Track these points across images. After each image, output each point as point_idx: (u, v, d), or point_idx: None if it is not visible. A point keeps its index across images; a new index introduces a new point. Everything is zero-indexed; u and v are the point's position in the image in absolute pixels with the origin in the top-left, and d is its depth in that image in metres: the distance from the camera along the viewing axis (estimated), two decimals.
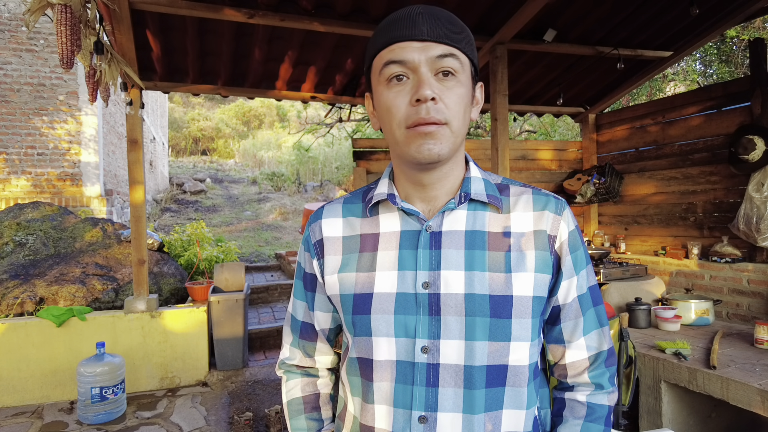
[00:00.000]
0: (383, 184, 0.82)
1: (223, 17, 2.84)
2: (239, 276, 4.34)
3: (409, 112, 0.69)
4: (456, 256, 0.74)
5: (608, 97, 4.75)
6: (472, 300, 0.72)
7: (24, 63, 6.54)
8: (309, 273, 0.87)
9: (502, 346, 0.72)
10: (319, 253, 0.84)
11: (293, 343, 0.93)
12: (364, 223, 0.82)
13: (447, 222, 0.76)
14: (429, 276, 0.73)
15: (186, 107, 22.88)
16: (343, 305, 0.79)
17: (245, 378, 3.92)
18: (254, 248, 8.34)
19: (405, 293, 0.74)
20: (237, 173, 15.89)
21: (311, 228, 0.86)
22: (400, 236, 0.77)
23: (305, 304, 0.90)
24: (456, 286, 0.72)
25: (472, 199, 0.77)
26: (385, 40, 0.71)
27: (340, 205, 0.86)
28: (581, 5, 3.20)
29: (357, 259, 0.79)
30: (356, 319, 0.77)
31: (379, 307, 0.75)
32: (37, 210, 4.83)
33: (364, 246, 0.80)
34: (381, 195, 0.79)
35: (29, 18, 2.03)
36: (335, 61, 3.72)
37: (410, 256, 0.75)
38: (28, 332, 3.51)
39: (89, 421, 3.18)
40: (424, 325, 0.73)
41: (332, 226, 0.84)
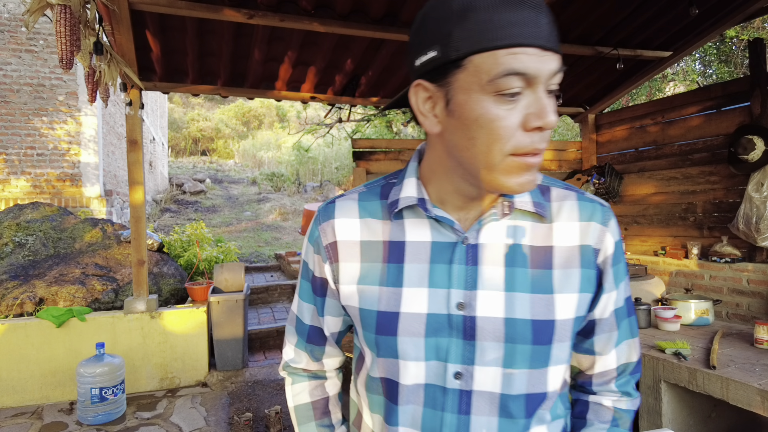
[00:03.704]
0: (410, 186, 0.70)
1: (223, 18, 2.84)
2: (239, 276, 4.34)
3: (520, 139, 0.57)
4: (495, 274, 0.66)
5: (608, 98, 4.75)
6: (513, 326, 0.65)
7: (23, 63, 6.53)
8: (319, 277, 0.77)
9: (541, 372, 0.66)
10: (331, 257, 0.74)
11: (299, 346, 0.85)
12: (387, 228, 0.71)
13: (485, 233, 0.67)
14: (464, 296, 0.65)
15: (185, 108, 22.88)
16: (364, 321, 0.71)
17: (245, 378, 3.92)
18: (254, 249, 8.34)
19: (437, 314, 0.66)
20: (237, 174, 15.89)
21: (322, 228, 0.75)
22: (431, 248, 0.68)
23: (313, 308, 0.81)
24: (495, 309, 0.65)
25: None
26: (508, 37, 0.54)
27: (355, 202, 0.75)
28: (581, 5, 3.20)
29: (380, 271, 0.70)
30: (380, 339, 0.69)
31: (408, 328, 0.67)
32: (37, 210, 4.82)
33: (389, 255, 0.70)
34: (409, 200, 0.69)
35: (29, 18, 2.03)
36: (335, 61, 3.72)
37: (443, 271, 0.67)
38: (27, 333, 3.51)
39: (89, 421, 3.17)
40: (457, 349, 0.66)
41: (348, 227, 0.73)
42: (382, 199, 0.74)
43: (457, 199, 0.68)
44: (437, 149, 0.66)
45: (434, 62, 0.59)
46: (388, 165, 4.80)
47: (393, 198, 0.71)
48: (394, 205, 0.70)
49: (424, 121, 0.64)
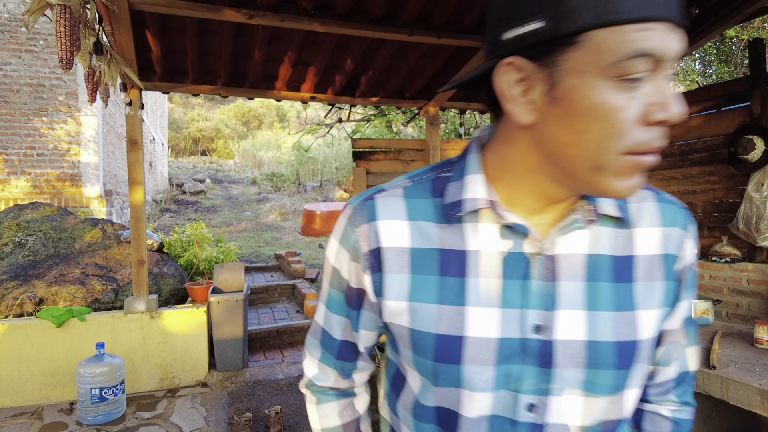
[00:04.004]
0: (476, 184, 0.59)
1: (223, 18, 2.84)
2: (239, 276, 4.34)
3: (639, 134, 0.47)
4: (575, 291, 0.57)
5: None
6: (596, 349, 0.57)
7: (23, 64, 6.54)
8: (356, 288, 0.65)
9: (619, 398, 0.59)
10: (374, 267, 0.62)
11: (326, 362, 0.74)
12: (444, 233, 0.60)
13: (563, 242, 0.58)
14: (542, 317, 0.57)
15: (185, 108, 22.89)
16: (416, 344, 0.61)
17: (245, 378, 3.92)
18: (254, 249, 8.34)
19: (510, 339, 0.57)
20: (237, 174, 15.90)
21: (361, 231, 0.62)
22: (501, 258, 0.58)
23: (347, 321, 0.69)
24: (576, 331, 0.57)
25: None
26: (638, 9, 0.44)
27: (401, 199, 0.63)
28: None
29: (437, 285, 0.59)
30: (441, 368, 0.59)
31: (476, 356, 0.57)
32: (37, 211, 4.83)
33: (447, 267, 0.59)
34: (478, 202, 0.58)
35: (28, 19, 2.03)
36: (335, 61, 3.72)
37: (517, 288, 0.57)
38: (27, 333, 3.51)
39: (89, 421, 3.17)
40: (531, 378, 0.57)
41: (395, 230, 0.61)
42: (434, 197, 0.62)
43: (535, 202, 0.58)
44: (519, 142, 0.55)
45: (538, 36, 0.47)
46: (388, 165, 4.80)
47: (453, 198, 0.60)
48: (457, 208, 0.59)
49: (512, 109, 0.52)
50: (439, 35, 3.22)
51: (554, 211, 0.59)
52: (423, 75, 4.07)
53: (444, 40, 3.26)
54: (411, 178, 0.66)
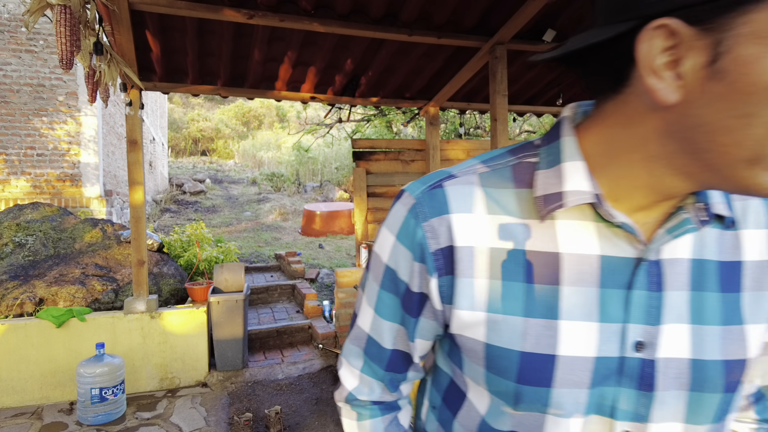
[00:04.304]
0: (577, 173, 0.49)
1: (223, 18, 2.84)
2: (239, 276, 4.34)
3: None
4: (681, 302, 0.50)
5: None
6: (702, 369, 0.50)
7: (23, 64, 6.54)
8: (417, 292, 0.56)
9: (722, 426, 0.53)
10: (444, 269, 0.53)
11: (371, 374, 0.64)
12: (532, 232, 0.51)
13: (668, 246, 0.50)
14: (644, 332, 0.49)
15: (185, 108, 22.90)
16: (493, 362, 0.52)
17: (245, 379, 3.92)
18: (254, 249, 8.34)
19: (607, 357, 0.49)
20: (237, 174, 15.90)
21: (430, 225, 0.53)
22: (600, 265, 0.50)
23: (402, 329, 0.60)
24: (680, 348, 0.49)
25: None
26: None
27: (478, 188, 0.53)
28: (581, 5, 3.20)
29: (524, 294, 0.50)
30: (524, 390, 0.51)
31: (568, 377, 0.49)
32: (37, 211, 4.83)
33: (536, 272, 0.50)
34: (583, 196, 0.48)
35: (29, 19, 2.03)
36: (335, 61, 3.72)
37: (617, 299, 0.49)
38: (27, 333, 3.51)
39: (89, 421, 3.17)
40: (628, 402, 0.50)
41: (471, 226, 0.52)
42: (518, 187, 0.53)
43: (643, 198, 0.49)
44: (644, 126, 0.45)
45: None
46: (388, 165, 4.80)
47: (547, 189, 0.50)
48: (555, 202, 0.49)
49: (655, 84, 0.41)
50: (439, 35, 3.22)
51: (661, 208, 0.50)
52: (423, 75, 4.07)
53: (444, 40, 3.26)
54: (486, 163, 0.55)
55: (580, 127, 0.52)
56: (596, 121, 0.50)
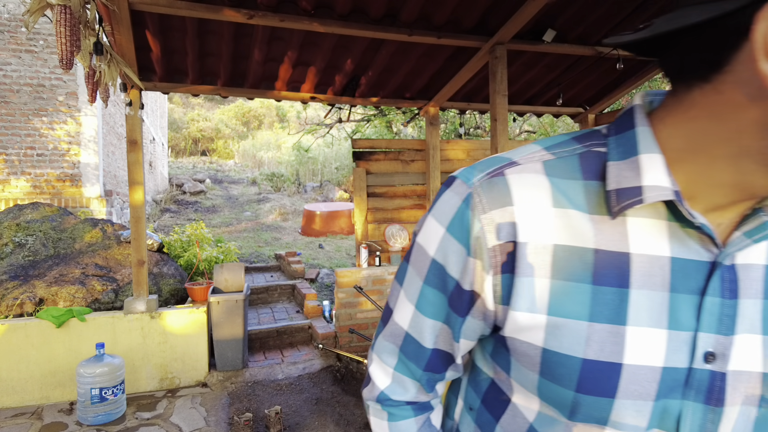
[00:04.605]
0: (656, 167, 0.45)
1: (223, 18, 2.84)
2: (239, 276, 4.34)
3: None
4: (753, 311, 0.47)
5: (608, 98, 4.74)
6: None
7: (23, 64, 6.54)
8: (469, 291, 0.52)
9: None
10: (502, 267, 0.49)
11: (406, 372, 0.61)
12: (601, 229, 0.47)
13: (746, 250, 0.47)
14: (716, 343, 0.46)
15: (185, 108, 22.90)
16: (549, 368, 0.49)
17: (245, 379, 3.92)
18: (254, 249, 8.34)
19: (674, 368, 0.46)
20: (236, 174, 15.91)
21: (489, 217, 0.48)
22: (670, 267, 0.46)
23: (445, 329, 0.56)
24: (752, 360, 0.46)
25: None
26: None
27: (543, 177, 0.48)
28: (581, 5, 3.20)
29: (590, 297, 0.47)
30: (583, 400, 0.47)
31: (633, 388, 0.46)
32: (37, 211, 4.83)
33: (604, 273, 0.46)
34: (661, 192, 0.44)
35: (29, 19, 2.03)
36: (335, 61, 3.72)
37: (689, 305, 0.46)
38: (27, 333, 3.51)
39: (89, 422, 3.17)
40: (694, 416, 0.47)
41: (536, 220, 0.47)
42: (587, 178, 0.48)
43: (723, 197, 0.45)
44: (737, 117, 0.40)
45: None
46: (388, 165, 4.80)
47: (622, 183, 0.46)
48: (633, 198, 0.45)
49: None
50: (439, 35, 3.22)
51: (737, 209, 0.46)
52: (423, 75, 4.07)
53: (444, 40, 3.26)
54: (550, 150, 0.51)
55: (654, 117, 0.48)
56: (675, 112, 0.45)
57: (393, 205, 4.82)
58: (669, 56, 0.45)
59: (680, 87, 0.45)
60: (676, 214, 0.46)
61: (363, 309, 4.48)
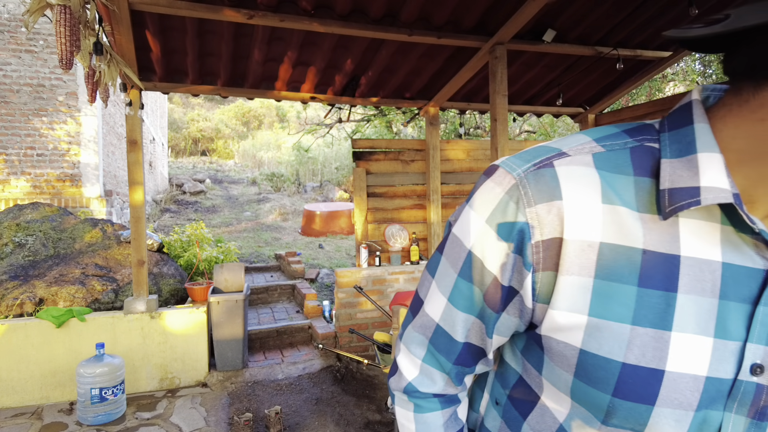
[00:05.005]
0: (715, 167, 0.43)
1: (223, 18, 2.84)
2: (239, 277, 4.34)
3: None
4: None
5: (608, 98, 4.74)
6: None
7: (23, 64, 6.54)
8: (507, 286, 0.50)
9: None
10: (543, 264, 0.47)
11: (434, 364, 0.60)
12: (651, 229, 0.45)
13: None
14: (766, 355, 0.44)
15: (185, 108, 22.91)
16: (586, 370, 0.47)
17: (245, 379, 3.92)
18: (254, 249, 8.34)
19: (719, 379, 0.44)
20: (236, 174, 15.90)
21: (535, 211, 0.47)
22: (721, 273, 0.44)
23: (479, 323, 0.54)
24: None
25: None
26: None
27: (594, 170, 0.46)
28: (581, 5, 3.20)
29: (634, 299, 0.45)
30: (620, 405, 0.46)
31: (674, 396, 0.44)
32: (37, 211, 4.83)
33: (650, 276, 0.45)
34: (719, 194, 0.42)
35: (28, 19, 2.03)
36: (335, 61, 3.72)
37: (739, 313, 0.44)
38: (27, 333, 3.51)
39: (89, 422, 3.17)
40: (735, 430, 0.45)
41: (585, 216, 0.45)
42: (638, 174, 0.46)
43: None
44: None
45: None
46: (388, 165, 4.80)
47: (678, 182, 0.44)
48: (690, 198, 0.43)
49: None
50: (439, 35, 3.22)
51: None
52: (423, 75, 4.07)
53: (444, 40, 3.26)
54: (600, 141, 0.48)
55: (714, 115, 0.46)
56: (738, 111, 0.43)
57: (393, 205, 4.82)
58: (738, 53, 0.42)
59: (747, 86, 0.42)
60: (732, 218, 0.44)
61: (363, 309, 4.49)
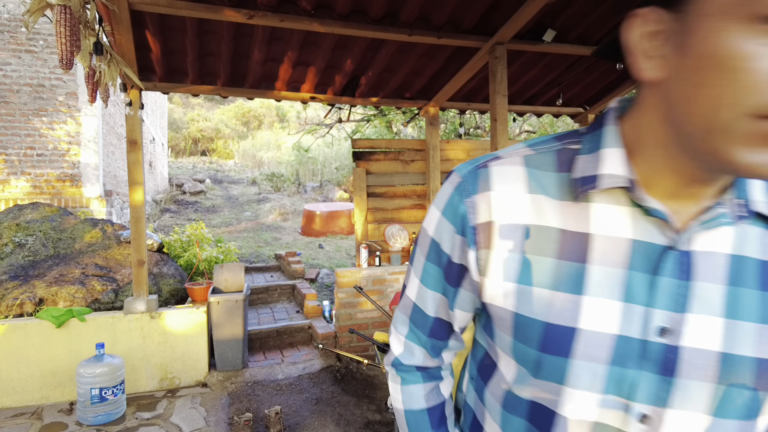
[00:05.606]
0: (614, 159, 0.53)
1: (223, 18, 2.84)
2: (239, 277, 4.34)
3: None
4: (713, 295, 0.51)
5: (608, 98, 4.74)
6: (732, 363, 0.50)
7: (23, 64, 6.54)
8: (457, 263, 0.61)
9: (751, 425, 0.52)
10: (481, 243, 0.57)
11: (414, 339, 0.70)
12: (567, 212, 0.54)
13: (704, 238, 0.51)
14: (669, 319, 0.50)
15: (185, 108, 22.90)
16: (520, 330, 0.56)
17: (245, 379, 3.92)
18: (254, 249, 8.34)
19: (629, 338, 0.51)
20: (236, 174, 15.90)
21: (472, 201, 0.58)
22: (631, 248, 0.52)
23: (443, 299, 0.65)
24: (709, 339, 0.50)
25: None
26: None
27: (522, 168, 0.57)
28: (581, 5, 3.20)
29: (553, 269, 0.54)
30: (545, 359, 0.54)
31: (587, 350, 0.52)
32: (37, 211, 4.82)
33: (567, 250, 0.54)
34: (617, 179, 0.52)
35: (28, 19, 2.03)
36: (335, 61, 3.72)
37: (644, 282, 0.51)
38: (27, 333, 3.51)
39: (89, 422, 3.17)
40: (648, 385, 0.51)
41: (511, 203, 0.56)
42: (560, 170, 0.56)
43: (671, 183, 0.51)
44: (650, 107, 0.50)
45: None
46: (388, 165, 4.80)
47: (584, 172, 0.54)
48: (589, 184, 0.53)
49: (642, 64, 0.48)
50: (439, 35, 3.22)
51: (696, 198, 0.52)
52: (423, 75, 4.07)
53: (444, 40, 3.26)
54: (532, 147, 0.59)
55: (623, 118, 0.55)
56: (632, 111, 0.54)
57: (393, 205, 4.82)
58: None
59: (637, 90, 0.53)
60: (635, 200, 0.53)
61: (363, 309, 4.49)
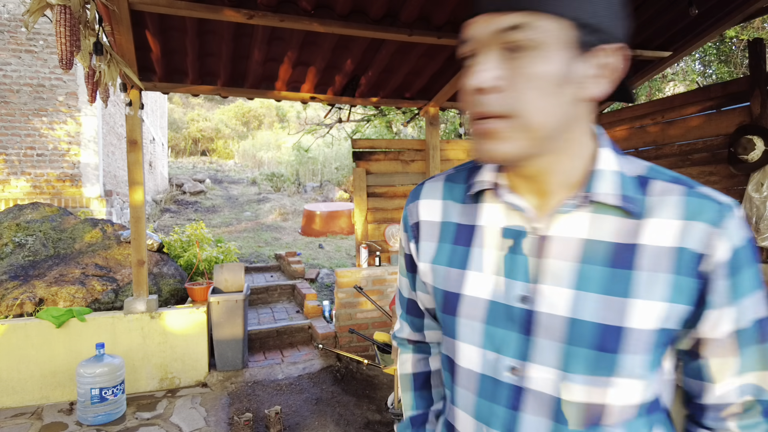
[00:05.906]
0: (487, 169, 0.70)
1: (223, 18, 2.84)
2: (239, 277, 4.34)
3: (467, 102, 0.60)
4: (563, 270, 0.61)
5: None
6: (576, 327, 0.59)
7: (23, 64, 6.53)
8: (408, 254, 0.82)
9: (603, 382, 0.60)
10: (415, 236, 0.78)
11: (401, 317, 0.90)
12: (463, 211, 0.72)
13: (558, 225, 0.63)
14: (527, 288, 0.63)
15: (185, 108, 22.90)
16: (435, 298, 0.75)
17: (245, 379, 3.92)
18: (254, 249, 8.34)
19: (497, 303, 0.65)
20: (236, 174, 15.90)
21: (409, 208, 0.80)
22: (501, 234, 0.67)
23: (408, 282, 0.85)
24: (558, 306, 0.61)
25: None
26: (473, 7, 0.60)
27: (442, 183, 0.77)
28: None
29: (450, 252, 0.72)
30: (445, 318, 0.72)
31: (468, 311, 0.68)
32: (37, 211, 4.82)
33: (459, 237, 0.71)
34: (483, 184, 0.69)
35: (28, 19, 2.03)
36: (335, 61, 3.72)
37: (509, 260, 0.65)
38: (27, 333, 3.51)
39: (89, 422, 3.17)
40: (514, 342, 0.64)
41: (430, 208, 0.76)
42: (466, 182, 0.74)
43: (521, 181, 0.66)
44: None
45: None
46: (388, 165, 4.80)
47: (470, 181, 0.72)
48: (470, 188, 0.72)
49: None
50: (439, 35, 3.22)
51: (552, 194, 0.64)
52: (423, 75, 4.07)
53: (444, 40, 3.26)
54: (457, 168, 0.79)
55: None
56: None
57: (393, 205, 4.81)
58: None
59: None
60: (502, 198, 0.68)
61: (363, 309, 4.48)
